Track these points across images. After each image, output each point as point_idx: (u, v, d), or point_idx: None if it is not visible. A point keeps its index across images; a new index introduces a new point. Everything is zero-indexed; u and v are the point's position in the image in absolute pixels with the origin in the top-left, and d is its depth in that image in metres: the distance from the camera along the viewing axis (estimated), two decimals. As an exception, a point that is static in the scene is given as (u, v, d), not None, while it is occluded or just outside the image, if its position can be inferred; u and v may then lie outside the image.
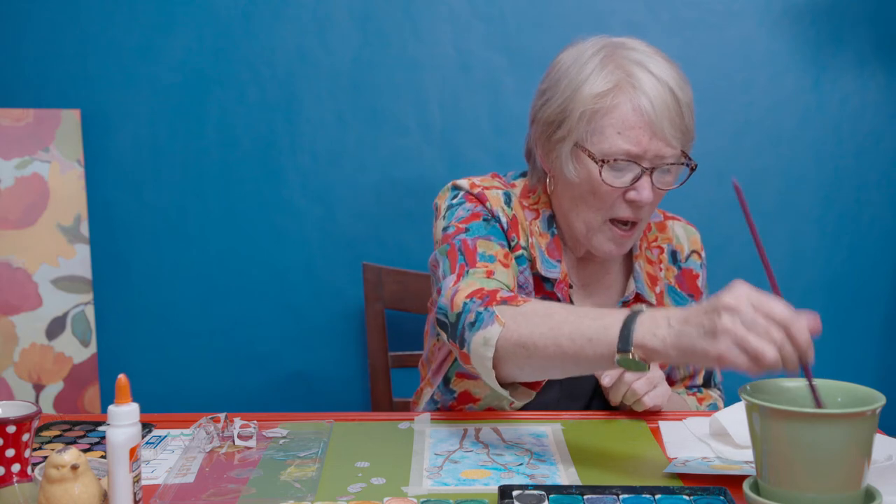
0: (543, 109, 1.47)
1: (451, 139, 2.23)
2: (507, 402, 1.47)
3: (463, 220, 1.49)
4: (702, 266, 1.64)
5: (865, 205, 2.26)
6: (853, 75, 2.22)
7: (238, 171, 2.24)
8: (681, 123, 1.42)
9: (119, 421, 1.02)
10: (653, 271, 1.59)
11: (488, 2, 2.20)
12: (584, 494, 1.13)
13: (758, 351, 1.04)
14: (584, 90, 1.41)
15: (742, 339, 1.05)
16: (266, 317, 2.27)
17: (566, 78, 1.44)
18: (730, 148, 2.24)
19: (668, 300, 1.60)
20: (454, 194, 1.54)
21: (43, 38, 2.19)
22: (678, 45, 2.20)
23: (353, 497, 1.15)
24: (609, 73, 1.41)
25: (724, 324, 1.06)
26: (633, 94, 1.39)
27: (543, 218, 1.54)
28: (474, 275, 1.39)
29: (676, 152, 1.43)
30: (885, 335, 2.29)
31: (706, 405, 1.63)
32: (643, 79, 1.40)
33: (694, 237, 1.65)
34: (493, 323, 1.27)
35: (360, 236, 2.24)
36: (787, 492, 1.03)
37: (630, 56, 1.42)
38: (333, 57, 2.21)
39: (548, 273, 1.51)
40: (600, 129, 1.41)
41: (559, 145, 1.45)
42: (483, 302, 1.31)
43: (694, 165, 1.46)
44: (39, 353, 2.14)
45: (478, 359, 1.29)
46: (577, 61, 1.44)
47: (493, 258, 1.43)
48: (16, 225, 2.13)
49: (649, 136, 1.40)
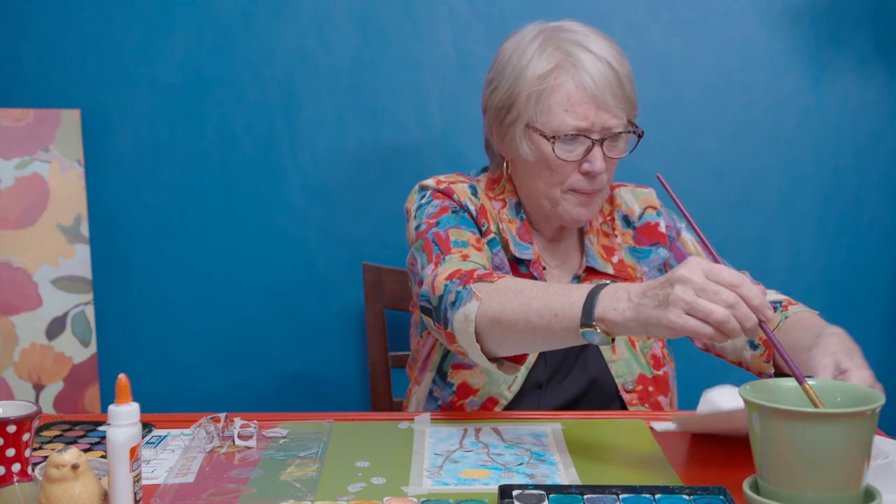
0: (493, 97, 1.56)
1: (451, 139, 2.23)
2: (504, 385, 1.53)
3: (433, 216, 1.56)
4: (660, 214, 1.68)
5: (865, 205, 2.26)
6: (853, 75, 2.22)
7: (238, 171, 2.24)
8: (622, 95, 1.51)
9: (119, 421, 1.02)
10: (609, 242, 1.65)
11: (488, 2, 2.20)
12: (584, 494, 1.13)
13: (707, 312, 1.09)
14: (527, 73, 1.50)
15: (692, 303, 1.10)
16: (266, 317, 2.27)
17: (509, 65, 1.53)
18: (730, 148, 2.24)
19: (631, 259, 1.65)
20: (422, 195, 1.62)
21: (43, 38, 2.19)
22: (678, 45, 2.20)
23: (353, 497, 1.15)
24: (549, 55, 1.50)
25: (676, 293, 1.11)
26: (574, 72, 1.48)
27: (510, 206, 1.62)
28: (451, 260, 1.45)
29: (622, 122, 1.52)
30: (885, 335, 2.29)
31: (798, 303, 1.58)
32: (582, 57, 1.49)
33: (644, 196, 1.70)
34: (472, 299, 1.32)
35: (360, 236, 2.25)
36: (786, 491, 1.03)
37: (568, 37, 1.51)
38: (333, 57, 2.21)
39: (521, 255, 1.58)
40: (548, 109, 1.50)
41: (511, 128, 1.54)
42: (461, 281, 1.36)
43: (640, 132, 1.54)
44: (39, 353, 2.14)
45: (462, 335, 1.33)
46: (518, 48, 1.54)
47: (466, 243, 1.49)
48: (16, 225, 2.13)
49: (595, 110, 1.49)
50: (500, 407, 1.56)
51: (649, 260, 1.66)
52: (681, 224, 1.70)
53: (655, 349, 1.62)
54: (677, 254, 1.68)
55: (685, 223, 1.70)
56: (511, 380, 1.55)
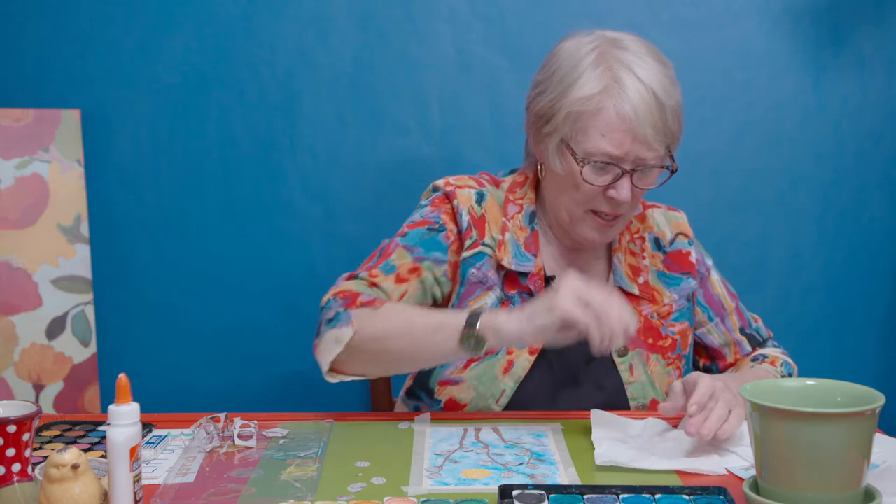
0: (536, 101, 1.54)
1: (451, 139, 2.23)
2: (492, 399, 1.53)
3: (413, 224, 1.59)
4: (691, 244, 1.67)
5: (865, 205, 2.26)
6: (853, 75, 2.22)
7: (238, 171, 2.24)
8: (664, 127, 1.47)
9: (119, 420, 1.02)
10: (635, 262, 1.63)
11: (488, 2, 2.20)
12: (584, 494, 1.13)
13: (588, 301, 1.29)
14: (573, 91, 1.48)
15: (577, 293, 1.30)
16: (266, 317, 2.27)
17: (558, 74, 1.50)
18: (730, 148, 2.24)
19: (659, 284, 1.63)
20: (429, 194, 1.64)
21: (43, 38, 2.19)
22: (678, 45, 2.20)
23: (353, 497, 1.15)
24: (599, 74, 1.46)
25: (563, 289, 1.31)
26: (618, 99, 1.45)
27: (526, 213, 1.60)
28: (359, 280, 1.53)
29: (658, 154, 1.49)
30: (885, 335, 2.29)
31: (781, 366, 1.62)
32: (629, 84, 1.45)
33: (676, 221, 1.68)
34: (348, 326, 1.43)
35: (360, 236, 2.24)
36: (786, 491, 1.03)
37: (621, 57, 1.47)
38: (333, 57, 2.21)
39: (518, 267, 1.56)
40: (584, 130, 1.47)
41: (547, 139, 1.52)
42: (344, 303, 1.46)
43: (674, 168, 1.51)
44: (39, 353, 2.14)
45: (323, 353, 1.46)
46: (573, 57, 1.50)
47: (394, 269, 1.53)
48: (16, 225, 2.13)
49: (631, 140, 1.45)
50: None
51: (680, 288, 1.63)
52: (709, 261, 1.69)
53: (672, 377, 1.60)
54: (706, 292, 1.67)
55: (712, 262, 1.70)
56: (498, 394, 1.54)
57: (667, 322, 1.61)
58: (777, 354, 1.65)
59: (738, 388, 1.38)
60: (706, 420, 1.30)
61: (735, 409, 1.32)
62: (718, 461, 1.28)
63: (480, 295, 1.56)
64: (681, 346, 1.62)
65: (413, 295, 1.54)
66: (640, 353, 1.58)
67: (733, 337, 1.67)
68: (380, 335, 1.42)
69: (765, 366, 1.61)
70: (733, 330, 1.67)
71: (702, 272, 1.67)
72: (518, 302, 1.55)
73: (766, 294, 2.25)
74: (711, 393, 1.33)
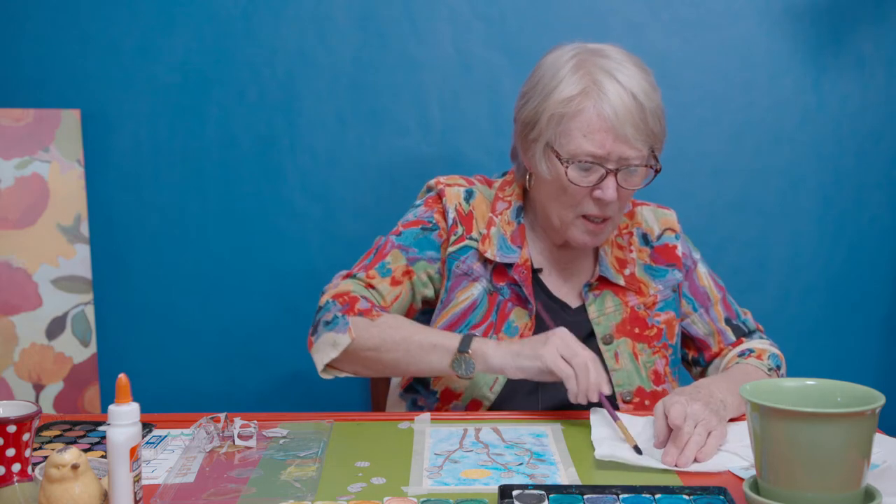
0: (523, 110, 1.59)
1: (451, 139, 2.23)
2: (486, 387, 1.58)
3: (407, 224, 1.65)
4: (678, 238, 1.70)
5: (865, 205, 2.26)
6: (853, 75, 2.22)
7: (238, 171, 2.24)
8: (645, 128, 1.51)
9: (119, 420, 1.02)
10: (622, 255, 1.67)
11: (488, 2, 2.20)
12: (584, 494, 1.13)
13: (572, 355, 1.41)
14: (554, 95, 1.52)
15: (564, 346, 1.42)
16: (266, 317, 2.27)
17: (541, 83, 1.56)
18: (730, 148, 2.24)
19: (645, 276, 1.66)
20: (423, 195, 1.70)
21: (43, 38, 2.19)
22: (678, 45, 2.20)
23: (353, 497, 1.15)
24: (578, 78, 1.51)
25: (553, 340, 1.43)
26: (598, 100, 1.49)
27: (514, 208, 1.66)
28: (356, 280, 1.61)
29: (642, 154, 1.52)
30: (885, 335, 2.29)
31: (768, 358, 1.63)
32: (608, 86, 1.49)
33: (664, 218, 1.72)
34: (345, 333, 1.52)
35: (359, 236, 2.24)
36: (786, 491, 1.03)
37: (601, 63, 1.52)
38: (333, 57, 2.21)
39: (503, 258, 1.61)
40: (567, 132, 1.51)
41: (534, 145, 1.56)
42: (343, 308, 1.54)
43: (658, 168, 1.55)
44: (39, 353, 2.14)
45: (320, 354, 1.54)
46: (553, 66, 1.55)
47: (389, 272, 1.61)
48: (16, 225, 2.13)
49: (612, 139, 1.50)
50: (484, 408, 1.58)
51: (665, 279, 1.67)
52: (696, 255, 1.72)
53: (658, 366, 1.62)
54: (691, 284, 1.70)
55: (700, 256, 1.73)
56: (492, 381, 1.58)
57: (652, 312, 1.64)
58: (764, 347, 1.66)
59: (727, 391, 1.42)
60: (682, 452, 1.27)
61: (715, 429, 1.31)
62: (718, 461, 1.28)
63: (467, 286, 1.61)
64: (667, 335, 1.65)
65: (405, 296, 1.63)
66: (626, 342, 1.61)
67: (717, 326, 1.69)
68: (376, 345, 1.51)
69: (751, 360, 1.62)
70: (717, 320, 1.69)
71: (688, 265, 1.70)
72: (507, 293, 1.61)
73: (766, 294, 2.25)
74: (683, 418, 1.29)
